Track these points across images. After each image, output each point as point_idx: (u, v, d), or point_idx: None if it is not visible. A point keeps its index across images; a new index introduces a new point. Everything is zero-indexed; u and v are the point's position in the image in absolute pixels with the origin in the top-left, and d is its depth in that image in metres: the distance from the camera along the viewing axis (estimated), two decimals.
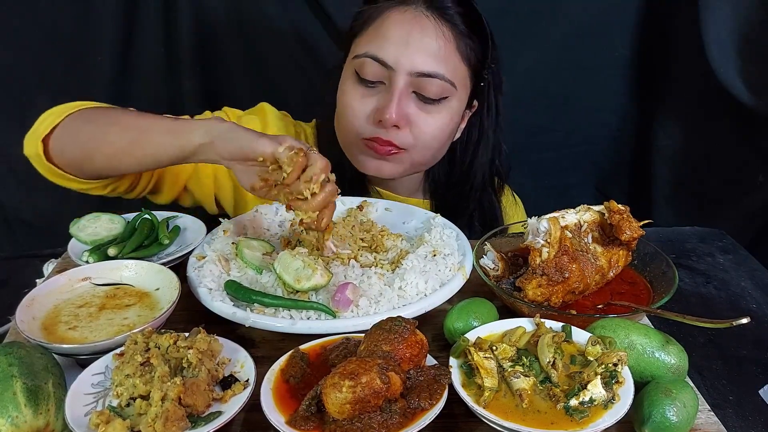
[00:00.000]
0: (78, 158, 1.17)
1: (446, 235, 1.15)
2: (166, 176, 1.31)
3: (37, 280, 1.16)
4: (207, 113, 1.38)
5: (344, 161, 1.37)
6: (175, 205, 1.39)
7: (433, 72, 1.23)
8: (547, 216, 1.01)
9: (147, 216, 1.18)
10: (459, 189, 1.46)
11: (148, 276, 1.03)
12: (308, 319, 0.95)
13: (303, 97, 2.02)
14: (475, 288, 1.05)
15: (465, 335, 0.88)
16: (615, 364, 0.80)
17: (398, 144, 1.27)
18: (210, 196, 1.38)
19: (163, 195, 1.34)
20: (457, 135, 1.41)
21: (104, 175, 1.19)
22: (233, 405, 0.77)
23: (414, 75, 1.23)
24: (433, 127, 1.28)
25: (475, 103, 1.39)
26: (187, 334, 0.85)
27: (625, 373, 0.80)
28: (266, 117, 1.41)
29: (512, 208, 1.60)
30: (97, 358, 0.84)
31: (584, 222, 1.05)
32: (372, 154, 1.30)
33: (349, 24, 1.35)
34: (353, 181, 1.40)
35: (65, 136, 1.18)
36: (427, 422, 0.73)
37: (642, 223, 1.05)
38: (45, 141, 1.18)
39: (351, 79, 1.29)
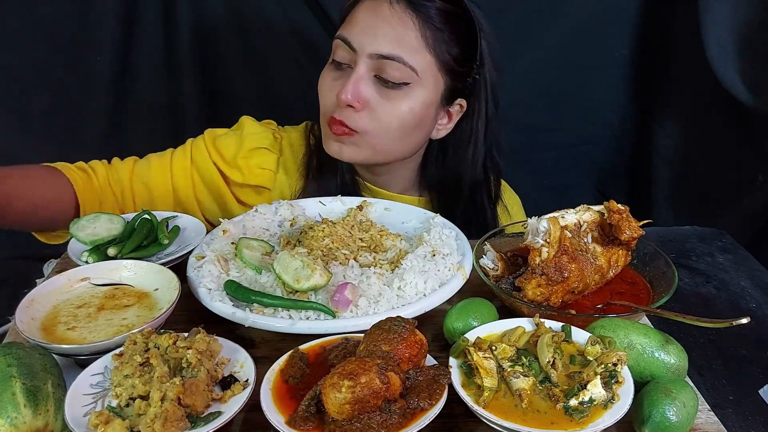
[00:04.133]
0: None
1: (445, 235, 1.15)
2: (155, 206, 1.34)
3: (36, 280, 1.16)
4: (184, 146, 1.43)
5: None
6: None
7: (393, 54, 1.25)
8: (547, 216, 1.00)
9: (146, 216, 1.18)
10: (450, 189, 1.47)
11: (147, 276, 1.03)
12: (308, 319, 0.95)
13: (303, 97, 2.02)
14: (474, 288, 1.05)
15: (465, 335, 0.88)
16: (614, 364, 0.80)
17: (350, 125, 1.29)
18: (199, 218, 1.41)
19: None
20: (443, 133, 1.40)
21: None
22: (233, 405, 0.77)
23: (374, 57, 1.26)
24: (390, 113, 1.29)
25: (463, 102, 1.38)
26: (186, 335, 0.84)
27: (625, 373, 0.80)
28: (243, 132, 1.44)
29: (511, 197, 1.61)
30: (97, 359, 0.84)
31: (584, 222, 1.05)
32: (331, 135, 1.33)
33: None
34: (345, 178, 1.42)
35: None
36: (427, 422, 0.73)
37: (642, 223, 1.05)
38: None
39: (329, 64, 1.35)
